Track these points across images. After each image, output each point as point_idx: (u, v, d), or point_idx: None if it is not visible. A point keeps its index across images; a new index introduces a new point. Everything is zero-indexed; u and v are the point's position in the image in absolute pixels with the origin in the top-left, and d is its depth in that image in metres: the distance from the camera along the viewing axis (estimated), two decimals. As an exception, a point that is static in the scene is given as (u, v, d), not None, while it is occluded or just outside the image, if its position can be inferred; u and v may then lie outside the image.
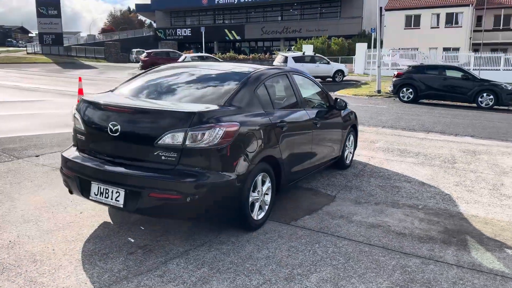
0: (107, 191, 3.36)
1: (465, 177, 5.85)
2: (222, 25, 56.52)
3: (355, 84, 24.38)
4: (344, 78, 25.22)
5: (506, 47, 34.49)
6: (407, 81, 16.43)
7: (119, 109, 3.44)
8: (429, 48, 33.56)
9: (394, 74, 17.31)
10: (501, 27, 35.86)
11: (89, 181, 3.45)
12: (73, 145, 3.86)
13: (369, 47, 30.20)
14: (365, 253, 3.42)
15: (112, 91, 4.10)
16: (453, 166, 6.51)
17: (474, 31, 36.01)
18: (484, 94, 15.22)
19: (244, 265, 3.16)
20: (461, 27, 34.91)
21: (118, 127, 3.32)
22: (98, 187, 3.40)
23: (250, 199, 3.60)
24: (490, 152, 7.65)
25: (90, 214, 4.04)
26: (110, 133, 3.37)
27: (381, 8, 32.04)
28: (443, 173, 6.04)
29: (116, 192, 3.32)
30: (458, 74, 16.04)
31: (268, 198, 3.91)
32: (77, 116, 3.69)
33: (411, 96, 16.35)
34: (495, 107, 15.31)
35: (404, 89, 16.51)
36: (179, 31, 58.95)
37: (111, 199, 3.34)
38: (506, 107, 15.70)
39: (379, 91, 19.13)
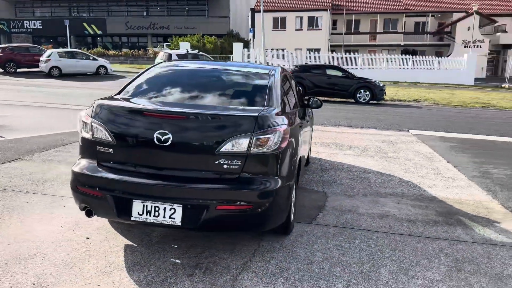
0: (156, 209, 2.94)
1: (406, 165, 6.62)
2: (79, 18, 51.95)
3: (239, 82, 25.04)
4: (227, 76, 25.67)
5: (357, 48, 39.33)
6: (298, 80, 17.56)
7: (169, 116, 3.01)
8: (294, 49, 36.27)
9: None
10: (352, 30, 40.74)
11: (130, 200, 2.97)
12: (82, 157, 3.25)
13: (245, 46, 31.29)
14: (402, 243, 3.67)
15: (120, 96, 3.54)
16: (387, 155, 7.29)
17: (332, 33, 40.15)
18: (362, 91, 17.20)
19: (313, 270, 3.12)
20: (321, 30, 38.59)
21: (169, 136, 2.92)
22: (144, 205, 2.95)
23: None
24: (402, 141, 8.76)
25: (99, 239, 3.46)
26: (157, 143, 2.94)
27: (253, 9, 33.45)
28: (387, 163, 6.73)
29: (171, 209, 2.92)
30: (339, 73, 17.80)
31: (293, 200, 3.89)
32: (96, 124, 3.11)
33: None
34: (370, 101, 17.43)
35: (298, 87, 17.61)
36: (26, 23, 52.27)
37: (164, 217, 2.93)
38: (377, 101, 17.98)
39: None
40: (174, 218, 2.93)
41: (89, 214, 3.16)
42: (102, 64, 25.41)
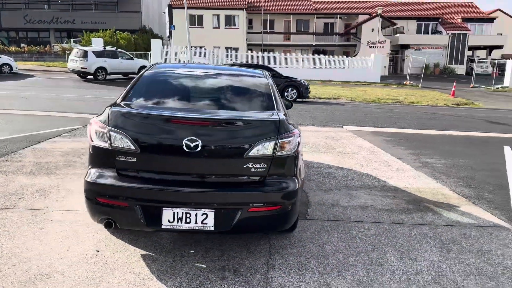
0: (188, 215, 2.94)
1: (357, 159, 7.17)
2: (-35, 9, 46.31)
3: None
4: (148, 75, 24.88)
5: (273, 48, 40.56)
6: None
7: (198, 122, 3.03)
8: (213, 47, 36.30)
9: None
10: (268, 30, 41.87)
11: (159, 208, 2.93)
12: (94, 167, 3.10)
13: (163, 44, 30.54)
14: (391, 231, 4.07)
15: (128, 102, 3.41)
16: (337, 151, 7.81)
17: (249, 32, 40.87)
18: (289, 89, 17.91)
19: (331, 262, 3.35)
20: (238, 28, 39.05)
21: (199, 142, 2.94)
22: (174, 212, 2.93)
23: None
24: (343, 137, 9.41)
25: (111, 250, 3.33)
26: (186, 149, 2.93)
27: (171, 5, 32.78)
28: (341, 158, 7.23)
29: (203, 214, 2.95)
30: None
31: None
32: (115, 133, 3.00)
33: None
34: (297, 100, 18.22)
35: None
36: None
37: (196, 223, 2.95)
38: (302, 99, 18.86)
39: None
40: (206, 223, 2.96)
41: (108, 226, 3.04)
42: (6, 61, 23.18)
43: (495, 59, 40.88)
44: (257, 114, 3.35)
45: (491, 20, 44.07)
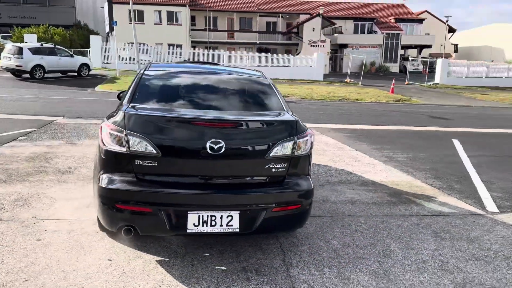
0: (213, 218, 2.91)
1: (329, 155, 7.40)
2: None
3: (105, 78, 23.39)
4: (90, 73, 23.74)
5: (217, 45, 40.36)
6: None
7: (221, 124, 3.00)
8: (155, 44, 35.39)
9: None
10: (212, 27, 41.55)
11: (185, 212, 2.86)
12: (108, 172, 2.96)
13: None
14: (386, 223, 4.28)
15: (137, 104, 3.27)
16: (307, 148, 8.00)
17: (192, 29, 40.28)
18: (242, 87, 17.96)
19: (343, 256, 3.47)
20: (181, 25, 38.35)
21: (222, 144, 2.91)
22: (199, 216, 2.89)
23: None
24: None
25: (124, 259, 3.20)
26: (210, 152, 2.89)
27: (111, 0, 31.50)
28: (313, 154, 7.41)
29: (228, 216, 2.93)
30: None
31: None
32: (134, 137, 2.88)
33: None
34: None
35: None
36: None
37: (221, 225, 2.93)
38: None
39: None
40: (231, 225, 2.95)
41: (128, 233, 2.92)
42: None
43: (425, 58, 43.86)
44: (273, 114, 3.38)
45: (420, 21, 47.10)
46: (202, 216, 2.90)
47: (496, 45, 52.61)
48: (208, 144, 2.90)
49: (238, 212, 2.95)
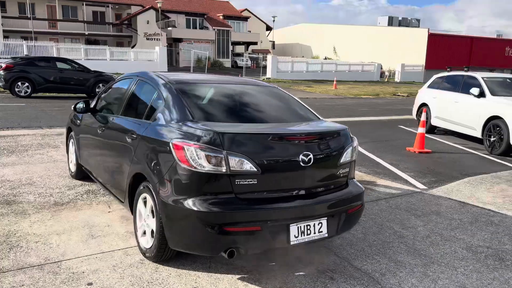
0: (308, 227, 3.05)
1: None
2: None
3: None
4: None
5: (36, 35, 35.52)
6: (23, 74, 15.03)
7: (308, 137, 3.14)
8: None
9: (1, 67, 15.15)
10: (29, 15, 36.19)
11: (287, 225, 2.92)
12: (198, 194, 2.81)
13: None
14: (373, 209, 4.93)
15: (198, 123, 3.08)
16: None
17: (3, 17, 34.38)
18: (101, 85, 16.56)
19: (373, 243, 3.96)
20: (-10, 11, 32.42)
21: (311, 156, 3.05)
22: (298, 227, 2.99)
23: None
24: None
25: (208, 281, 3.02)
26: (302, 164, 3.00)
27: None
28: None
29: (319, 224, 3.11)
30: (68, 66, 16.39)
31: None
32: (234, 156, 2.78)
33: (29, 91, 15.21)
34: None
35: (20, 83, 15.04)
36: None
37: (314, 233, 3.08)
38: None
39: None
40: (322, 232, 3.12)
41: (231, 255, 2.82)
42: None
43: (252, 54, 47.47)
44: (324, 123, 3.62)
45: (245, 18, 50.64)
46: (300, 227, 3.00)
47: (305, 42, 60.43)
48: (300, 157, 3.00)
49: (326, 218, 3.14)
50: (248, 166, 2.84)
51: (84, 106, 4.77)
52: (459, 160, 8.05)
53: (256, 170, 2.86)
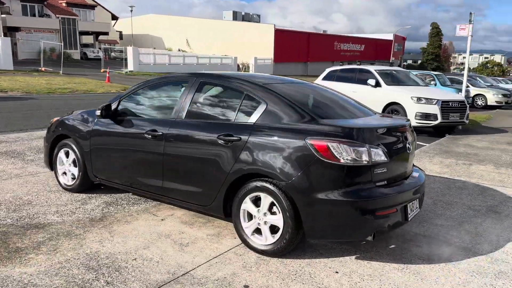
0: (413, 204, 3.63)
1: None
2: None
3: None
4: None
5: None
6: None
7: (406, 128, 3.72)
8: None
9: None
10: None
11: (405, 205, 3.46)
12: (349, 186, 3.15)
13: None
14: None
15: (325, 120, 3.42)
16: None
17: None
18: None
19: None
20: None
21: (411, 143, 3.63)
22: (410, 206, 3.54)
23: None
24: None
25: (321, 266, 3.33)
26: (408, 151, 3.56)
27: None
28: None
29: (416, 200, 3.70)
30: None
31: None
32: (374, 149, 3.22)
33: None
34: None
35: None
36: None
37: (414, 209, 3.66)
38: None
39: None
40: (417, 208, 3.75)
41: (374, 237, 3.22)
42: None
43: (108, 45, 44.55)
44: (392, 116, 4.22)
45: (93, 7, 46.93)
46: (411, 205, 3.56)
47: (156, 34, 59.00)
48: (407, 145, 3.55)
49: (418, 197, 3.75)
50: (382, 156, 3.27)
51: (108, 111, 4.33)
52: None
53: (386, 159, 3.30)
